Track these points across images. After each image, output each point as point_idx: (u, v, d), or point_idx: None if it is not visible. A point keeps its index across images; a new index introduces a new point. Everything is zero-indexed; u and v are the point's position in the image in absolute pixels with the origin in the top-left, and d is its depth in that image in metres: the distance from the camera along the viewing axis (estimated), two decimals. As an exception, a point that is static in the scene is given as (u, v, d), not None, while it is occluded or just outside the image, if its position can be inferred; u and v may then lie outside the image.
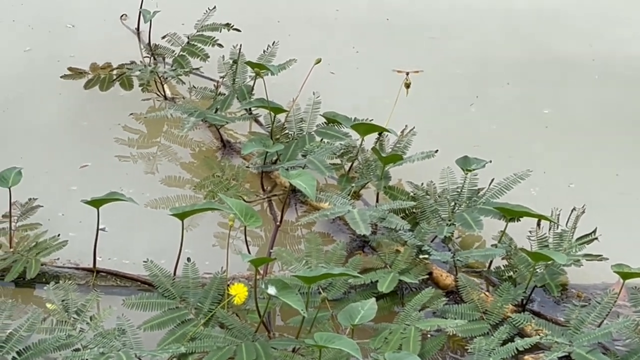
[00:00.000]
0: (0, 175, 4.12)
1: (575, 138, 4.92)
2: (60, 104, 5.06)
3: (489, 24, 5.76)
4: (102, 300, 3.93)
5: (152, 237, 4.20)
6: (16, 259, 4.05)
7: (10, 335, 3.58)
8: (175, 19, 5.23)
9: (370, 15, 5.84)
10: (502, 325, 3.75)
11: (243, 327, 3.73)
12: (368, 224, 3.98)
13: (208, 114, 4.67)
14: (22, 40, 5.54)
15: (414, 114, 4.54)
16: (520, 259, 3.98)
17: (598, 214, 4.09)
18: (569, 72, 5.40)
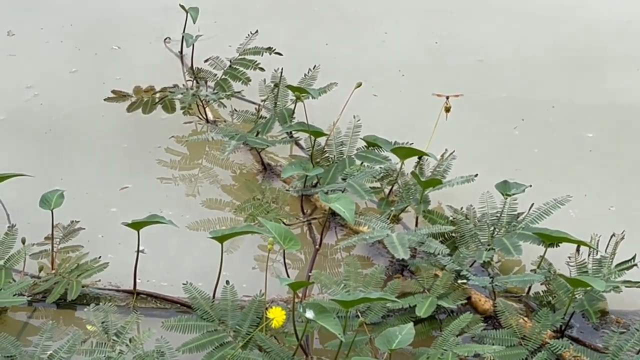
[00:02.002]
0: (43, 198, 4.16)
1: (618, 162, 4.90)
2: (103, 126, 5.09)
3: (536, 48, 5.76)
4: (142, 322, 3.93)
5: (192, 259, 4.23)
6: (58, 281, 4.08)
7: (51, 357, 3.60)
8: (217, 42, 5.26)
9: (420, 38, 5.84)
10: (541, 351, 3.74)
11: (281, 351, 3.75)
12: (407, 248, 3.98)
13: (249, 137, 4.70)
14: (69, 62, 5.58)
15: (455, 137, 4.54)
16: (559, 284, 3.97)
17: (638, 239, 4.10)
18: (615, 96, 5.36)
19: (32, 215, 4.25)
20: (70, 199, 4.21)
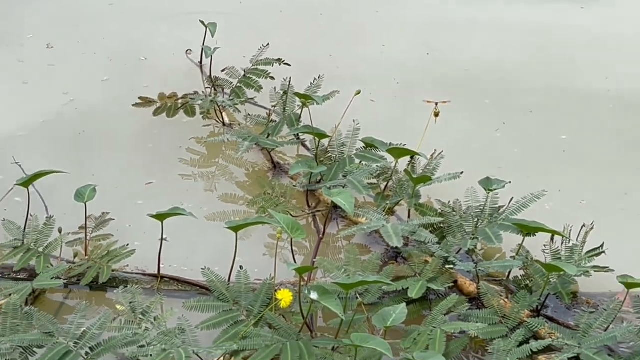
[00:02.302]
0: (78, 192, 4.17)
1: (589, 162, 4.90)
2: (131, 129, 5.10)
3: (515, 60, 5.76)
4: (165, 302, 3.98)
5: (209, 247, 4.23)
6: (90, 266, 4.10)
7: (84, 333, 3.62)
8: (233, 54, 5.26)
9: (413, 50, 5.84)
10: (519, 328, 3.75)
11: (289, 328, 3.76)
12: (400, 237, 3.99)
13: (261, 138, 4.70)
14: (101, 71, 5.59)
15: (443, 139, 4.53)
16: (535, 269, 3.99)
17: (606, 229, 4.07)
18: (586, 102, 5.36)
19: (67, 208, 4.26)
20: (102, 193, 4.21)
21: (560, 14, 6.23)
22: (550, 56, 5.79)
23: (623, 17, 6.20)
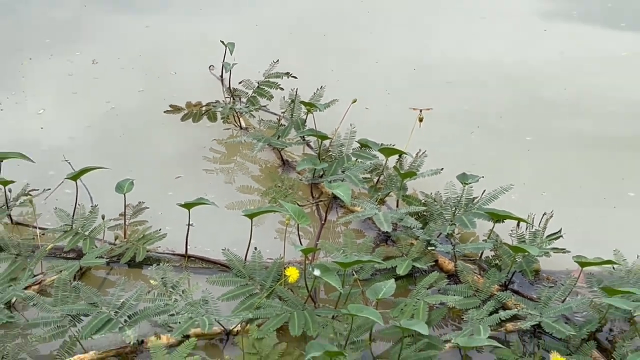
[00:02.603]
0: (118, 185, 4.17)
1: (549, 159, 4.89)
2: (163, 132, 5.10)
3: (490, 73, 5.73)
4: (191, 278, 3.99)
5: (229, 231, 4.22)
6: (128, 247, 4.11)
7: (123, 304, 3.63)
8: (248, 69, 5.24)
9: (401, 66, 5.82)
10: (490, 300, 3.76)
11: (295, 300, 3.77)
12: (390, 223, 4.00)
13: (272, 139, 4.69)
14: (138, 83, 5.58)
15: (426, 140, 4.52)
16: (504, 250, 3.98)
17: (563, 217, 4.08)
18: (547, 109, 5.35)
19: (109, 198, 4.25)
20: (138, 186, 4.21)
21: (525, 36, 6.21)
22: (517, 71, 5.76)
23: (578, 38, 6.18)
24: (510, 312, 3.64)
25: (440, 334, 3.73)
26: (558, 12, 6.51)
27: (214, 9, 6.45)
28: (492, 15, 6.45)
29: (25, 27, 6.16)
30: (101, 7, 6.44)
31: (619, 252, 3.94)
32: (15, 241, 4.12)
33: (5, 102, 5.36)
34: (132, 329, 3.55)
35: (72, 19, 6.30)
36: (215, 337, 3.72)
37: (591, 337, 3.66)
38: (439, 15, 6.49)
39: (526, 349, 3.65)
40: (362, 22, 6.39)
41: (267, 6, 6.53)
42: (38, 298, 3.72)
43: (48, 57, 5.83)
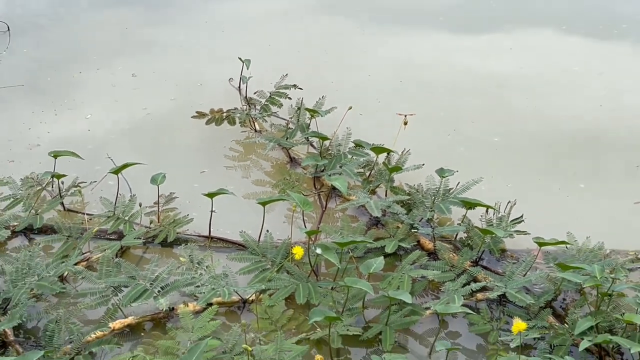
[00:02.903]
0: (152, 177, 4.19)
1: (514, 156, 4.88)
2: (190, 133, 5.09)
3: (464, 84, 5.71)
4: (214, 255, 4.01)
5: (245, 216, 4.20)
6: (161, 230, 4.13)
7: (157, 277, 3.64)
8: (262, 81, 5.25)
9: (390, 79, 5.80)
10: (463, 274, 3.78)
11: (301, 274, 3.79)
12: (380, 210, 4.02)
13: (281, 140, 4.70)
14: (170, 93, 5.57)
15: (410, 141, 4.52)
16: (475, 233, 3.99)
17: (525, 204, 4.10)
18: (512, 114, 5.33)
19: (145, 189, 4.27)
20: (169, 179, 4.23)
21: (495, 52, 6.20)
22: (488, 84, 5.73)
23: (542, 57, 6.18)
24: (480, 284, 3.66)
25: (421, 303, 3.74)
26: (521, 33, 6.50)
27: (234, 32, 6.45)
28: (467, 34, 6.44)
29: (76, 46, 6.17)
30: (141, 30, 6.44)
31: (571, 234, 3.95)
32: (67, 225, 4.13)
33: (59, 108, 5.38)
34: (164, 298, 3.56)
35: (116, 39, 6.31)
36: (234, 305, 3.73)
37: (548, 305, 3.67)
38: (422, 36, 6.49)
39: (493, 315, 3.66)
40: (357, 42, 6.38)
41: (279, 30, 6.52)
42: (86, 272, 3.73)
43: (95, 71, 5.85)
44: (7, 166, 4.65)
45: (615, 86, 5.67)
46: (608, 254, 3.91)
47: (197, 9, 6.75)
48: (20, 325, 3.53)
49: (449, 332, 3.63)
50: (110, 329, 3.55)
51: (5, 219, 4.13)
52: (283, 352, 3.27)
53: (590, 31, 6.45)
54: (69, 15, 6.61)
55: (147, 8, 6.71)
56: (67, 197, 4.35)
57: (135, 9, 6.66)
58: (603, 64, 5.99)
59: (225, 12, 6.77)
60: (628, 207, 4.43)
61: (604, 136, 5.09)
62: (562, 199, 4.49)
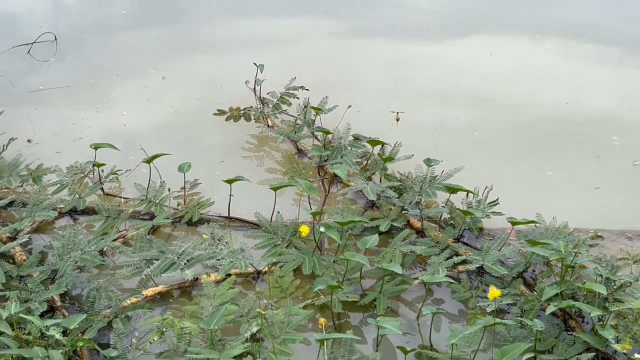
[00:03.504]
0: (179, 166, 4.21)
1: (491, 147, 4.90)
2: (212, 128, 5.10)
3: (449, 86, 5.71)
4: (232, 233, 4.02)
5: (259, 200, 4.20)
6: (187, 211, 4.14)
7: (183, 252, 3.66)
8: (274, 83, 5.24)
9: (385, 81, 5.80)
10: (446, 249, 3.80)
11: (307, 249, 3.81)
12: (375, 194, 4.05)
13: (290, 134, 4.72)
14: (195, 93, 5.56)
15: (401, 135, 4.53)
16: (456, 214, 4.01)
17: (500, 189, 4.10)
18: (491, 112, 5.34)
19: (173, 176, 4.28)
20: (194, 167, 4.25)
21: (476, 58, 6.20)
22: (471, 86, 5.73)
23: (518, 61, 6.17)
24: (461, 258, 3.68)
25: (410, 273, 3.76)
26: (500, 40, 6.50)
27: (250, 41, 6.46)
28: (452, 42, 6.44)
29: (113, 54, 6.18)
30: (172, 39, 6.44)
31: (539, 215, 3.97)
32: (106, 207, 4.16)
33: (99, 106, 5.40)
34: (189, 270, 3.59)
35: (148, 48, 6.32)
36: (249, 275, 3.75)
37: (519, 276, 3.69)
38: (413, 44, 6.48)
39: (472, 284, 3.69)
40: (357, 50, 6.38)
41: (290, 39, 6.53)
42: (122, 247, 3.77)
43: (130, 74, 5.85)
44: (54, 156, 4.67)
45: (580, 87, 5.68)
46: (571, 231, 3.93)
47: (219, 24, 6.74)
48: (66, 292, 3.57)
49: (434, 299, 3.66)
50: (143, 296, 3.58)
51: (53, 201, 4.16)
52: (291, 316, 3.30)
53: (560, 39, 6.46)
54: (107, 28, 6.62)
55: (175, 24, 6.71)
56: (106, 183, 4.38)
57: (165, 25, 6.66)
58: (571, 67, 5.99)
59: (243, 26, 6.76)
60: (589, 191, 4.45)
61: (569, 130, 5.11)
62: (532, 185, 4.51)
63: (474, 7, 7.08)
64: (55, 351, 2.89)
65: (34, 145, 4.84)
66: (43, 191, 4.23)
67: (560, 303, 3.26)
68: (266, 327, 3.20)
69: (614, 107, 5.38)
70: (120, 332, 3.32)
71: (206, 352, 3.07)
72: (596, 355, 3.24)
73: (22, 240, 3.81)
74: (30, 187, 4.33)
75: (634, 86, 5.66)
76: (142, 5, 6.94)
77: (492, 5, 7.05)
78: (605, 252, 3.85)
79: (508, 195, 4.12)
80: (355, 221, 3.76)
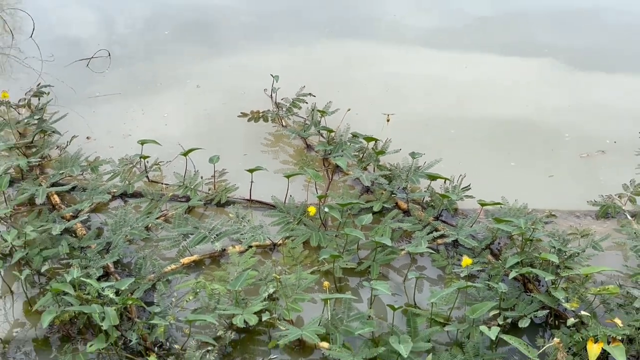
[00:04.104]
0: (210, 158, 4.21)
1: (465, 143, 4.85)
2: (236, 128, 5.06)
3: (432, 90, 5.64)
4: (253, 213, 4.04)
5: (274, 185, 4.19)
6: (216, 195, 4.15)
7: (214, 227, 3.70)
8: (287, 91, 5.21)
9: (379, 87, 5.70)
10: (428, 226, 3.81)
11: (314, 225, 3.82)
12: (369, 181, 4.05)
13: (301, 132, 4.70)
14: (222, 99, 5.49)
15: (391, 132, 4.53)
16: (436, 197, 4.01)
17: (472, 176, 4.10)
18: (466, 114, 5.26)
19: (205, 166, 4.29)
20: (222, 159, 4.27)
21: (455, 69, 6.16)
22: (450, 91, 5.65)
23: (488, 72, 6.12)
24: (439, 233, 3.70)
25: (398, 245, 3.77)
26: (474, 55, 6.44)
27: (268, 56, 6.42)
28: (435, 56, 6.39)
29: (158, 67, 6.16)
30: (204, 55, 6.37)
31: (504, 198, 3.97)
32: (151, 191, 4.18)
33: (145, 109, 5.38)
34: (219, 242, 3.62)
35: (185, 62, 6.28)
36: (267, 247, 3.77)
37: (487, 247, 3.70)
38: (404, 56, 6.43)
39: (449, 254, 3.70)
40: (356, 61, 6.32)
41: (299, 53, 6.48)
42: (164, 224, 3.79)
43: (170, 83, 5.82)
44: (108, 150, 4.68)
45: (538, 93, 5.63)
46: (530, 211, 3.93)
47: (243, 44, 6.69)
48: (118, 260, 3.60)
49: (418, 266, 3.67)
50: (181, 263, 3.60)
51: (107, 187, 4.19)
52: (301, 280, 3.31)
53: (522, 54, 6.39)
54: (152, 46, 6.59)
55: (207, 42, 6.66)
56: (150, 172, 4.39)
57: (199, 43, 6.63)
58: (530, 77, 5.95)
59: (262, 43, 6.71)
60: (545, 178, 4.43)
61: (529, 128, 5.06)
62: (498, 173, 4.50)
63: (455, 25, 7.00)
64: (110, 308, 2.91)
65: (91, 141, 4.85)
66: (99, 179, 4.25)
67: (521, 269, 3.27)
68: (280, 289, 3.22)
69: (565, 109, 5.34)
70: (162, 292, 3.35)
71: (232, 309, 3.09)
72: (550, 312, 3.25)
73: (83, 218, 3.84)
74: (88, 175, 4.36)
75: (581, 92, 5.62)
76: (182, 27, 6.90)
77: (467, 27, 6.97)
78: (558, 228, 3.85)
79: (478, 181, 4.11)
80: (353, 203, 3.77)
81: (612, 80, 5.87)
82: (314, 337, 2.96)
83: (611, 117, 5.20)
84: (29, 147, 4.62)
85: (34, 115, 4.82)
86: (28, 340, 3.22)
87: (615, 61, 6.13)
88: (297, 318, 3.30)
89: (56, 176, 4.20)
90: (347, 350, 3.00)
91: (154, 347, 3.10)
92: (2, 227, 3.83)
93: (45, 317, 2.91)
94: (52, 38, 6.60)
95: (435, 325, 3.15)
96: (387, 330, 3.18)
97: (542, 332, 3.26)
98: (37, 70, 6.00)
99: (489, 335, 2.85)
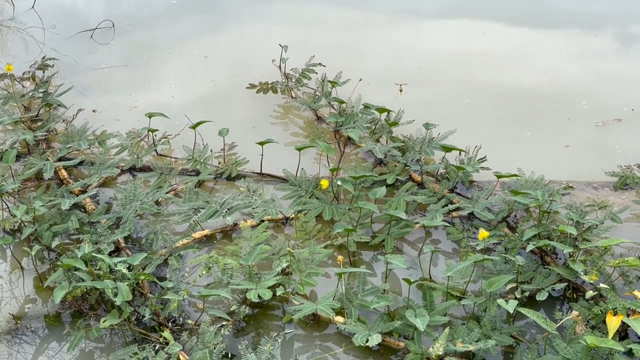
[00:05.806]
0: (219, 131, 4.17)
1: (479, 113, 4.82)
2: (245, 99, 5.03)
3: (442, 62, 5.59)
4: (264, 186, 4.01)
5: (286, 158, 4.18)
6: (227, 168, 4.13)
7: (224, 202, 3.67)
8: (297, 61, 5.16)
9: (392, 57, 5.65)
10: (442, 199, 3.79)
11: (326, 199, 3.80)
12: (382, 153, 4.02)
13: (311, 104, 4.66)
14: (231, 70, 5.45)
15: (404, 103, 4.47)
16: (451, 169, 3.97)
17: (487, 148, 4.07)
18: (481, 83, 5.21)
19: (214, 139, 4.26)
20: (231, 132, 4.22)
21: (469, 38, 6.06)
22: (463, 60, 5.57)
23: (504, 41, 6.02)
24: (455, 205, 3.67)
25: (413, 219, 3.75)
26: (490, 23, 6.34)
27: (277, 26, 6.34)
28: (448, 25, 6.29)
29: (164, 37, 6.09)
30: (213, 24, 6.31)
31: (520, 169, 3.93)
32: (160, 165, 4.16)
33: (152, 80, 5.35)
34: (230, 216, 3.61)
35: (193, 31, 6.21)
36: (279, 221, 3.76)
37: (503, 220, 3.68)
38: (416, 26, 6.34)
39: (464, 227, 3.68)
40: (367, 31, 6.24)
41: (310, 24, 6.39)
42: (174, 198, 3.77)
43: (177, 54, 5.78)
44: (115, 123, 4.66)
45: (555, 61, 5.56)
46: (547, 183, 3.90)
47: (251, 13, 6.60)
48: (129, 235, 3.59)
49: (433, 239, 3.66)
50: (192, 238, 3.60)
51: (115, 161, 4.17)
52: (315, 254, 3.31)
53: (540, 22, 6.28)
54: (159, 15, 6.52)
55: (216, 11, 6.59)
56: (159, 146, 4.36)
57: (207, 12, 6.55)
58: (548, 45, 5.86)
59: (271, 12, 6.63)
60: (561, 149, 4.40)
61: (545, 97, 5.02)
62: (514, 144, 4.46)
63: None
64: (122, 283, 2.91)
65: (98, 114, 4.82)
66: (107, 152, 4.23)
67: (538, 242, 3.25)
68: (294, 263, 3.22)
69: (582, 78, 5.27)
70: (175, 267, 3.35)
71: (245, 283, 3.08)
72: (568, 285, 3.24)
73: (91, 193, 3.83)
74: (96, 149, 4.34)
75: (597, 60, 5.54)
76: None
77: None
78: (575, 200, 3.82)
79: (494, 153, 4.07)
80: (366, 176, 3.74)
81: (629, 47, 5.78)
82: (329, 311, 2.96)
83: (629, 83, 5.14)
84: (35, 121, 4.60)
85: (39, 88, 4.78)
86: (40, 316, 3.24)
87: (634, 28, 6.03)
88: (311, 293, 3.30)
89: (63, 150, 4.18)
90: (362, 324, 3.00)
91: (167, 322, 3.11)
92: (10, 204, 3.83)
93: (57, 293, 2.91)
94: (54, 9, 6.53)
95: (451, 299, 3.14)
96: (402, 304, 3.18)
97: (560, 306, 3.25)
98: (40, 41, 5.94)
99: (507, 308, 2.84)
